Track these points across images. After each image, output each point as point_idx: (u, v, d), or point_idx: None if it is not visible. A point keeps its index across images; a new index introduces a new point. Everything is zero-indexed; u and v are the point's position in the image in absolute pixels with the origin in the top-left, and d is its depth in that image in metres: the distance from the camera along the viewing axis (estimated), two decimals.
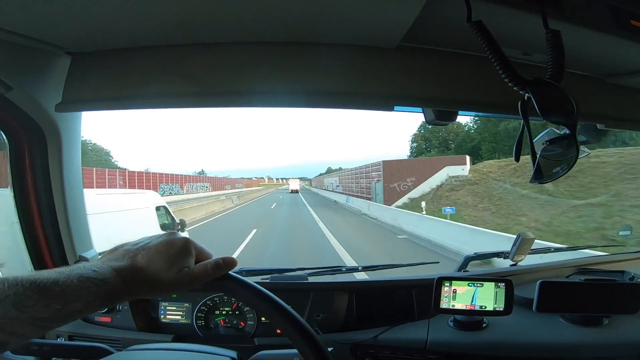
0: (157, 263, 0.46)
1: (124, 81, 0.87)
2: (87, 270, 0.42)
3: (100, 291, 0.41)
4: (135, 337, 1.12)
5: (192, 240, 0.50)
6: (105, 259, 0.46)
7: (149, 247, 0.47)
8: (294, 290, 1.23)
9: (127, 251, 0.47)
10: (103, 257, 0.47)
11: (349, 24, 0.77)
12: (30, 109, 0.92)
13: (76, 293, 0.39)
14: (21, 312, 0.36)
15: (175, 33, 0.80)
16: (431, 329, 1.07)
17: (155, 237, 0.50)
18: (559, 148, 0.63)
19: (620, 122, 1.04)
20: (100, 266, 0.43)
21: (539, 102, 0.56)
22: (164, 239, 0.49)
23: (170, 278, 0.46)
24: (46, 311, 0.37)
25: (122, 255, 0.46)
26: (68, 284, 0.39)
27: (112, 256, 0.47)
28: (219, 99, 0.87)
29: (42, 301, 0.37)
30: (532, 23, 0.66)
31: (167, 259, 0.47)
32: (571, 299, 0.98)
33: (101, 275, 0.42)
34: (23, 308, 0.36)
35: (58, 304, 0.38)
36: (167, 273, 0.46)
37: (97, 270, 0.42)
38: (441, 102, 0.90)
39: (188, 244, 0.49)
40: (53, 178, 1.02)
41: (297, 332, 0.48)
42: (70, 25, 0.75)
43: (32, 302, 0.36)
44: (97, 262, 0.45)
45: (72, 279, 0.40)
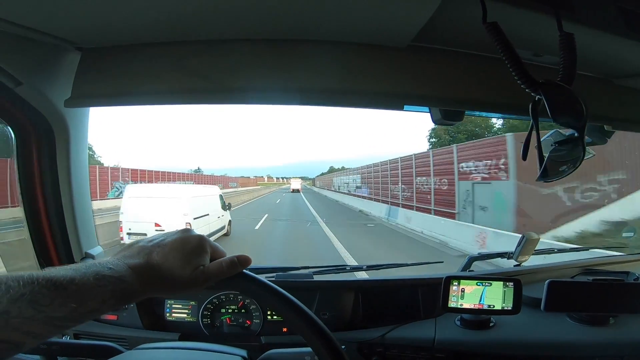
0: (173, 260, 0.45)
1: (131, 77, 0.87)
2: (103, 267, 0.41)
3: (116, 289, 0.41)
4: (142, 335, 1.11)
5: (207, 238, 0.50)
6: (121, 256, 0.45)
7: (164, 244, 0.47)
8: (300, 288, 1.23)
9: (143, 248, 0.47)
10: (118, 253, 0.47)
11: (360, 23, 0.77)
12: (39, 104, 0.92)
13: (93, 291, 0.39)
14: (37, 311, 0.35)
15: (182, 29, 0.80)
16: (438, 327, 1.08)
17: (171, 234, 0.49)
18: (566, 149, 0.65)
19: (627, 123, 1.05)
20: (116, 263, 0.43)
21: (551, 105, 0.58)
22: (179, 236, 0.48)
23: (186, 276, 0.45)
24: (63, 310, 0.36)
25: (138, 253, 0.46)
26: (84, 282, 0.38)
27: (127, 253, 0.46)
28: (229, 95, 0.87)
29: (58, 300, 0.36)
30: (544, 25, 0.67)
31: (182, 256, 0.46)
32: (579, 299, 0.98)
33: (117, 273, 0.41)
34: (39, 307, 0.35)
35: (75, 302, 0.37)
36: (182, 271, 0.45)
37: (113, 267, 0.42)
38: (450, 102, 0.90)
39: (203, 241, 0.49)
40: (60, 174, 1.02)
41: (313, 331, 0.48)
42: (80, 20, 0.75)
43: (48, 301, 0.35)
44: (113, 259, 0.44)
45: (89, 277, 0.39)
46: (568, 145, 0.65)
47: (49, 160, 1.00)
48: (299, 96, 0.89)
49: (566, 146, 0.65)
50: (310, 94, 0.88)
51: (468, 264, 1.46)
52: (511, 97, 0.90)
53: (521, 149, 0.64)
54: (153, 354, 0.78)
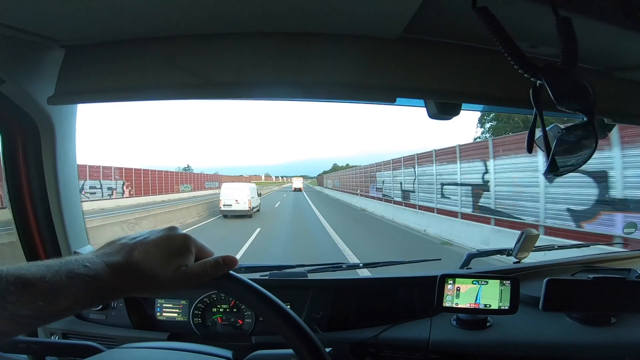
0: (154, 259, 0.44)
1: (120, 73, 0.85)
2: (78, 265, 0.39)
3: (90, 288, 0.39)
4: (131, 335, 1.10)
5: (193, 237, 0.48)
6: (100, 253, 0.44)
7: (146, 241, 0.45)
8: (293, 287, 1.21)
9: (124, 245, 0.45)
10: (98, 250, 0.45)
11: (349, 15, 0.75)
12: (23, 102, 0.90)
13: (64, 290, 0.37)
14: (3, 308, 0.34)
15: (171, 25, 0.78)
16: (433, 327, 1.05)
17: (155, 231, 0.47)
18: (575, 137, 0.59)
19: (627, 116, 1.02)
20: (93, 260, 0.41)
21: (554, 89, 0.53)
22: (163, 234, 0.46)
23: (167, 276, 0.44)
24: (30, 308, 0.35)
25: (118, 250, 0.44)
26: (56, 280, 0.37)
27: (108, 250, 0.44)
28: (218, 91, 0.86)
29: (25, 297, 0.35)
30: (539, 14, 0.64)
31: (164, 255, 0.44)
32: (579, 298, 0.95)
33: (92, 271, 0.40)
34: (4, 304, 0.34)
35: (43, 301, 0.36)
36: (164, 270, 0.44)
37: (89, 265, 0.40)
38: (445, 95, 0.88)
39: (187, 240, 0.47)
40: (47, 172, 1.00)
41: (295, 334, 0.46)
42: (64, 18, 0.74)
43: (14, 299, 0.34)
44: (91, 255, 0.42)
45: (61, 275, 0.37)
46: (578, 132, 0.58)
47: (35, 158, 0.99)
48: (289, 90, 0.87)
49: (576, 133, 0.58)
50: (301, 88, 0.86)
51: (467, 261, 1.45)
52: (508, 89, 0.88)
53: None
54: (133, 353, 0.76)
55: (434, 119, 0.96)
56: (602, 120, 1.06)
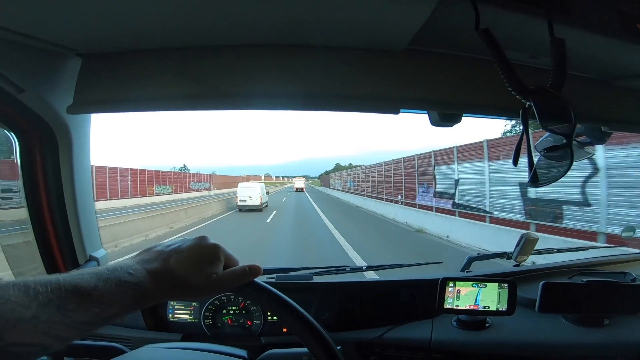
0: (188, 267, 0.47)
1: (134, 83, 0.88)
2: (124, 273, 0.43)
3: (136, 295, 0.43)
4: (145, 335, 1.14)
5: (222, 247, 0.51)
6: (139, 260, 0.47)
7: (180, 249, 0.49)
8: (300, 290, 1.25)
9: (160, 253, 0.48)
10: (136, 256, 0.49)
11: (356, 28, 0.78)
12: (41, 111, 0.93)
13: (114, 297, 0.41)
14: (64, 316, 0.36)
15: (184, 35, 0.81)
16: (435, 328, 1.09)
17: (188, 240, 0.51)
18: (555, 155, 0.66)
19: (625, 124, 1.04)
20: (136, 268, 0.44)
21: (540, 112, 0.59)
22: (196, 243, 0.50)
23: (199, 283, 0.47)
24: (87, 315, 0.38)
25: (155, 257, 0.47)
26: (107, 289, 0.40)
27: (146, 257, 0.48)
28: (227, 101, 0.88)
29: (83, 305, 0.38)
30: (539, 27, 0.66)
31: (197, 263, 0.48)
32: (573, 300, 0.99)
33: (137, 279, 0.43)
34: (66, 312, 0.36)
35: (98, 308, 0.39)
36: (197, 278, 0.47)
37: (133, 273, 0.43)
38: (447, 105, 0.90)
39: (218, 249, 0.50)
40: (64, 179, 1.03)
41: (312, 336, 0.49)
42: (81, 27, 0.76)
43: (74, 307, 0.37)
44: (132, 262, 0.46)
45: (111, 284, 0.41)
46: (557, 151, 0.66)
47: (52, 165, 1.02)
48: (294, 101, 0.89)
49: (555, 152, 0.66)
50: (307, 99, 0.88)
51: (467, 265, 1.47)
52: (507, 100, 0.90)
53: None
54: (156, 353, 0.80)
55: (436, 126, 0.98)
56: (600, 128, 1.08)
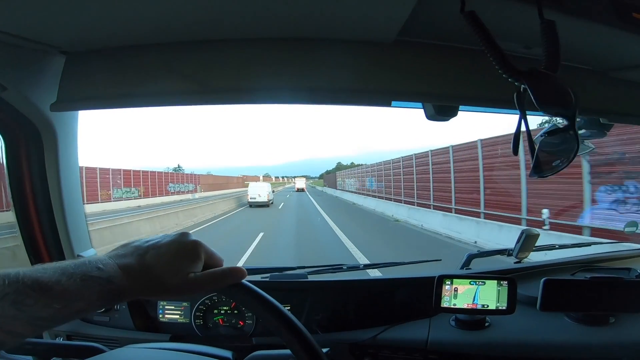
0: (165, 264, 0.44)
1: (121, 79, 0.86)
2: (92, 267, 0.40)
3: (103, 290, 0.40)
4: (134, 336, 1.12)
5: (203, 244, 0.49)
6: (113, 254, 0.44)
7: (159, 245, 0.46)
8: (294, 289, 1.22)
9: (137, 248, 0.46)
10: (111, 251, 0.46)
11: (344, 19, 0.76)
12: (25, 109, 0.92)
13: (79, 293, 0.38)
14: (20, 311, 0.34)
15: (171, 31, 0.79)
16: (432, 328, 1.06)
17: (168, 236, 0.48)
18: (558, 140, 0.60)
19: (623, 116, 1.02)
20: (106, 262, 0.42)
21: (536, 93, 0.54)
22: (175, 239, 0.47)
23: (176, 281, 0.44)
24: (46, 311, 0.36)
25: (131, 252, 0.45)
26: (71, 284, 0.38)
27: (121, 251, 0.45)
28: (218, 96, 0.86)
29: (42, 301, 0.36)
30: (531, 15, 0.64)
31: (175, 260, 0.45)
32: (576, 298, 0.96)
33: (105, 274, 0.40)
34: (22, 307, 0.34)
35: (59, 304, 0.37)
36: (174, 275, 0.44)
37: (102, 267, 0.41)
38: (440, 97, 0.88)
39: (198, 247, 0.47)
40: (50, 178, 1.02)
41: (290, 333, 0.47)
42: (64, 24, 0.75)
43: (32, 302, 0.35)
44: (104, 257, 0.43)
45: (75, 278, 0.38)
46: (559, 135, 0.60)
47: (38, 164, 1.01)
48: (285, 95, 0.88)
49: (557, 137, 0.61)
50: (297, 92, 0.87)
51: (467, 262, 1.45)
52: (504, 90, 0.88)
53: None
54: (137, 353, 0.77)
55: (432, 120, 0.96)
56: (598, 120, 1.06)
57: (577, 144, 0.57)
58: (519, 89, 0.57)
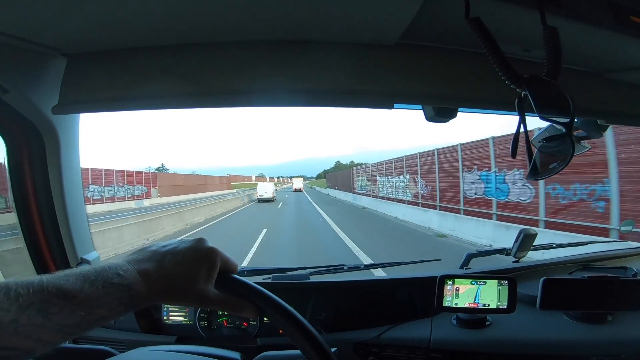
0: (183, 269, 0.45)
1: (121, 82, 0.86)
2: (113, 274, 0.41)
3: (124, 297, 0.40)
4: (139, 338, 1.12)
5: (219, 251, 0.49)
6: (131, 259, 0.45)
7: (176, 251, 0.46)
8: (297, 290, 1.23)
9: (155, 253, 0.46)
10: (130, 256, 0.46)
11: (347, 22, 0.76)
12: (27, 112, 0.91)
13: (101, 300, 0.39)
14: (47, 319, 0.35)
15: (172, 33, 0.79)
16: (434, 327, 1.07)
17: (184, 242, 0.48)
18: (555, 145, 0.63)
19: (620, 117, 1.03)
20: (126, 268, 0.42)
21: (536, 100, 0.56)
22: (193, 245, 0.48)
23: (192, 289, 0.45)
24: (72, 318, 0.36)
25: (150, 258, 0.45)
26: (93, 291, 0.38)
27: (139, 256, 0.46)
28: (219, 98, 0.86)
29: (67, 308, 0.36)
30: (531, 19, 0.65)
31: (192, 267, 0.45)
32: (574, 296, 0.97)
33: (125, 281, 0.41)
34: (49, 315, 0.35)
35: (83, 311, 0.37)
36: (191, 283, 0.45)
37: (122, 274, 0.41)
38: (441, 99, 0.89)
39: (214, 254, 0.48)
40: (52, 180, 1.02)
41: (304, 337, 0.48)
42: (65, 26, 0.74)
43: (57, 310, 0.35)
44: (123, 263, 0.44)
45: (98, 286, 0.39)
46: (556, 141, 0.63)
47: (40, 167, 1.00)
48: (287, 97, 0.88)
49: (554, 142, 0.63)
50: (298, 94, 0.87)
51: (466, 261, 1.46)
52: (503, 93, 0.88)
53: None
54: (148, 355, 0.78)
55: (432, 122, 0.97)
56: (596, 121, 1.07)
57: (573, 148, 0.60)
58: (520, 95, 0.59)
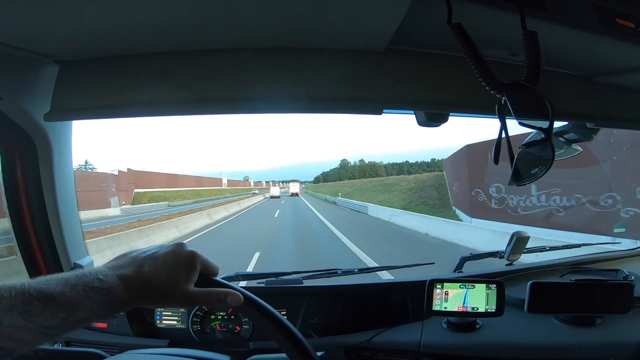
0: (162, 274, 0.46)
1: (114, 89, 0.86)
2: (93, 279, 0.42)
3: (105, 300, 0.42)
4: (132, 342, 1.13)
5: (199, 254, 0.51)
6: (111, 265, 0.47)
7: (155, 257, 0.48)
8: (289, 294, 1.23)
9: (135, 259, 0.48)
10: (110, 262, 0.48)
11: (337, 29, 0.77)
12: (19, 119, 0.92)
13: (82, 303, 0.40)
14: (28, 321, 0.36)
15: (165, 40, 0.80)
16: (425, 330, 1.08)
17: (164, 247, 0.50)
18: (535, 150, 0.63)
19: (608, 120, 1.03)
20: (106, 273, 0.44)
21: (514, 105, 0.57)
22: (172, 250, 0.49)
23: (174, 292, 0.47)
24: (53, 320, 0.38)
25: (129, 263, 0.47)
26: (74, 295, 0.40)
27: (119, 262, 0.47)
28: (211, 105, 0.87)
29: (48, 310, 0.38)
30: (516, 23, 0.66)
31: (172, 271, 0.47)
32: (562, 300, 0.98)
33: (106, 285, 0.43)
34: (30, 317, 0.36)
35: (64, 313, 0.39)
36: (171, 286, 0.46)
37: (103, 279, 0.43)
38: (431, 105, 0.89)
39: (194, 257, 0.49)
40: (45, 187, 1.02)
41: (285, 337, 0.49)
42: (57, 33, 0.75)
43: (38, 312, 0.37)
44: (104, 268, 0.45)
45: (78, 289, 0.40)
46: (536, 147, 0.63)
47: (32, 172, 1.01)
48: (277, 104, 0.88)
49: (534, 148, 0.64)
50: (289, 101, 0.87)
51: (460, 265, 1.47)
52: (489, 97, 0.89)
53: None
54: (136, 359, 0.78)
55: (424, 127, 0.97)
56: (585, 124, 1.08)
57: (552, 152, 0.60)
58: (500, 101, 0.60)
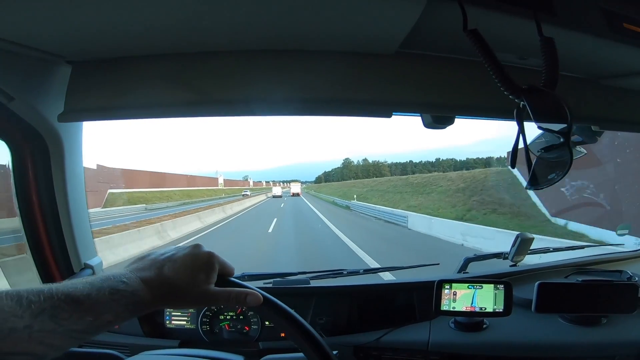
0: (182, 275, 0.47)
1: (125, 90, 0.87)
2: (117, 282, 0.43)
3: (129, 303, 0.43)
4: (143, 342, 1.13)
5: (216, 255, 0.52)
6: (134, 268, 0.48)
7: (174, 258, 0.49)
8: (297, 294, 1.24)
9: (154, 261, 0.49)
10: (131, 265, 0.49)
11: (347, 32, 0.77)
12: (32, 119, 0.92)
13: (107, 305, 0.41)
14: (58, 324, 0.37)
15: (175, 41, 0.80)
16: (432, 330, 1.09)
17: (182, 248, 0.51)
18: (553, 155, 0.64)
19: (614, 123, 1.05)
20: (129, 277, 0.45)
21: (534, 110, 0.57)
22: (190, 251, 0.50)
23: (194, 292, 0.48)
24: (80, 323, 0.39)
25: (150, 266, 0.48)
26: (100, 297, 0.41)
27: (140, 265, 0.48)
28: (221, 107, 0.87)
29: (76, 314, 0.38)
30: (526, 28, 0.67)
31: (191, 272, 0.48)
32: (569, 300, 0.99)
33: (130, 287, 0.44)
34: (59, 321, 0.37)
35: (91, 316, 0.40)
36: (191, 287, 0.47)
37: (127, 281, 0.44)
38: (440, 108, 0.90)
39: (212, 258, 0.51)
40: (56, 187, 1.03)
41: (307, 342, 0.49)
42: (70, 34, 0.75)
43: (67, 315, 0.38)
44: (126, 271, 0.46)
45: (104, 292, 0.41)
46: (555, 151, 0.64)
47: (44, 174, 1.01)
48: (287, 107, 0.89)
49: (553, 152, 0.64)
50: (299, 104, 0.88)
51: (464, 266, 1.47)
52: (500, 101, 0.89)
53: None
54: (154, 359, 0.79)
55: (429, 128, 0.98)
56: (589, 127, 1.09)
57: (571, 157, 0.60)
58: (519, 105, 0.60)
